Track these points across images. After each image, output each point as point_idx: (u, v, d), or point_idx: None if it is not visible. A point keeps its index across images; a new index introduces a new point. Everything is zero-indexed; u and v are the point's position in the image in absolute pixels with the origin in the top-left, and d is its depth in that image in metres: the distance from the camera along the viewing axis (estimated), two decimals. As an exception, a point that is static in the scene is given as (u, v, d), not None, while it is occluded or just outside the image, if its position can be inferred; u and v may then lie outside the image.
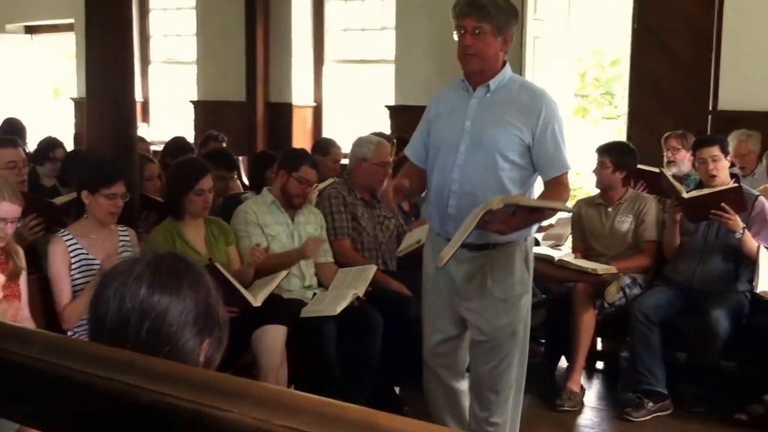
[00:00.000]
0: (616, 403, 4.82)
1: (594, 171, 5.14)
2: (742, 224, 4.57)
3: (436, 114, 3.48)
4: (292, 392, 1.09)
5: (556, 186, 3.35)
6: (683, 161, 5.76)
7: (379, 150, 4.91)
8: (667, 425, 4.50)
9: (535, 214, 3.25)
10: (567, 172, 3.39)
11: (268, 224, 4.51)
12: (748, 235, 4.59)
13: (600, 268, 4.80)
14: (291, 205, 4.56)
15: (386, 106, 8.17)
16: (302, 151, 4.87)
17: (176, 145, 6.26)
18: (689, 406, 4.66)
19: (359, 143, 5.00)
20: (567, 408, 4.68)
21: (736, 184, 4.68)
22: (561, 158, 3.34)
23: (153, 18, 10.30)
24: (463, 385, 3.69)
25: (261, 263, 4.23)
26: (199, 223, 4.30)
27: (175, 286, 1.52)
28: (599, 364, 5.59)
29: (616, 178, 5.03)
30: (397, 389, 4.71)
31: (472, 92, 3.40)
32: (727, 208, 4.53)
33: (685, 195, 4.66)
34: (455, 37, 3.35)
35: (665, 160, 5.92)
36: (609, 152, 5.08)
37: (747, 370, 4.60)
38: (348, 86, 9.12)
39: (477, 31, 3.27)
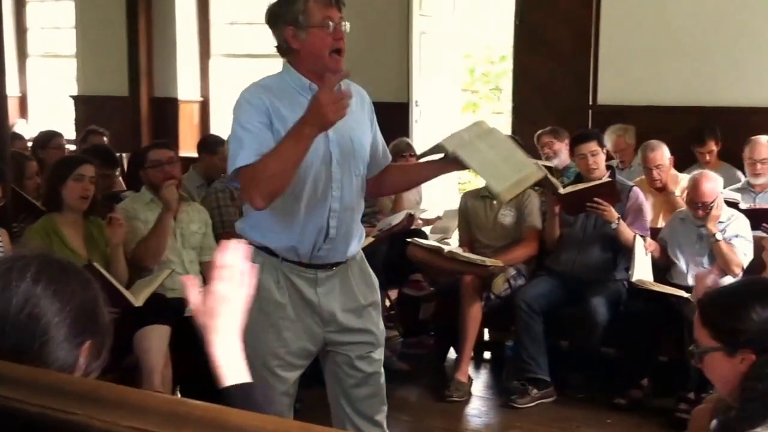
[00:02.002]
0: (502, 391, 4.92)
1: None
2: (617, 215, 4.73)
3: (279, 122, 2.74)
4: (141, 392, 1.06)
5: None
6: (560, 152, 5.91)
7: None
8: (550, 411, 4.62)
9: None
10: None
11: (149, 222, 4.40)
12: (623, 225, 4.76)
13: (488, 260, 4.88)
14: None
15: (274, 101, 8.08)
16: (151, 144, 4.80)
17: (45, 136, 6.10)
18: (571, 392, 4.80)
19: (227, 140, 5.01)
20: (455, 398, 4.74)
21: (609, 179, 4.84)
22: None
23: (30, 10, 9.93)
24: None
25: (140, 249, 4.19)
26: (78, 222, 4.17)
27: (62, 282, 1.49)
28: (486, 354, 5.70)
29: (503, 172, 5.12)
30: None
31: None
32: (601, 201, 4.68)
33: (562, 190, 4.78)
34: (322, 28, 2.74)
35: (543, 157, 6.06)
36: None
37: (625, 356, 4.76)
38: (236, 81, 8.99)
39: (344, 26, 2.82)
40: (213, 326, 1.51)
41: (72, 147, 7.35)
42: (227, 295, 1.52)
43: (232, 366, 1.48)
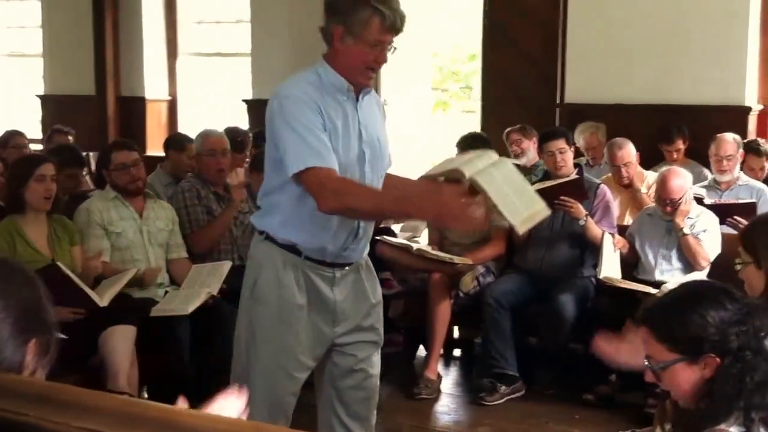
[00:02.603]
0: (471, 388, 4.93)
1: (456, 163, 5.20)
2: (584, 212, 4.76)
3: (330, 122, 2.75)
4: (93, 393, 1.04)
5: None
6: (528, 150, 5.93)
7: (207, 140, 4.98)
8: (519, 408, 4.64)
9: None
10: None
11: (113, 221, 4.37)
12: (591, 222, 4.78)
13: (456, 258, 4.89)
14: (131, 193, 4.43)
15: (243, 100, 8.07)
16: (112, 142, 4.79)
17: (6, 135, 6.05)
18: (540, 388, 4.82)
19: (195, 138, 5.12)
20: (424, 396, 4.75)
21: (576, 176, 4.86)
22: None
23: (-5, 9, 9.83)
24: None
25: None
26: (41, 222, 4.13)
27: (3, 281, 1.48)
28: (456, 352, 5.71)
29: (478, 170, 5.13)
30: (254, 386, 4.65)
31: (352, 96, 2.83)
32: (568, 198, 4.71)
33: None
34: (370, 46, 2.73)
35: (512, 155, 6.08)
36: (473, 145, 5.17)
37: (593, 352, 4.78)
38: (204, 80, 8.95)
39: (391, 49, 2.80)
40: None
41: (38, 147, 7.28)
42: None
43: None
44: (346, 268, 2.91)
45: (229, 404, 1.52)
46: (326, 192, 2.66)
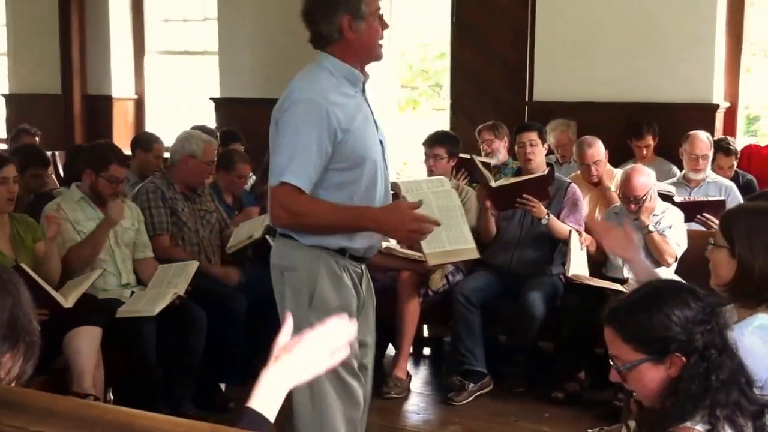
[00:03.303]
0: (441, 387, 4.93)
1: (426, 162, 5.20)
2: (545, 211, 4.77)
3: (347, 121, 2.79)
4: (50, 396, 1.02)
5: None
6: (499, 150, 5.95)
7: (209, 149, 4.87)
8: (489, 406, 4.64)
9: None
10: None
11: (80, 221, 4.32)
12: (554, 220, 4.80)
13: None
14: (103, 202, 4.38)
15: (211, 99, 8.01)
16: (109, 147, 4.66)
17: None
18: (509, 386, 4.82)
19: (188, 138, 4.91)
20: (393, 395, 4.73)
21: (539, 174, 4.86)
22: None
23: (-41, 7, 9.67)
24: None
25: (73, 254, 4.13)
26: (3, 223, 4.08)
27: None
28: (426, 351, 5.70)
29: (449, 168, 5.13)
30: (222, 386, 4.62)
31: (361, 88, 2.91)
32: (530, 197, 4.72)
33: (493, 183, 4.80)
34: (372, 22, 2.83)
35: (482, 152, 6.09)
36: (443, 143, 5.18)
37: (562, 349, 4.81)
38: (171, 78, 8.87)
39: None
40: (281, 357, 1.58)
41: (2, 146, 7.19)
42: (314, 348, 1.64)
43: (267, 397, 1.52)
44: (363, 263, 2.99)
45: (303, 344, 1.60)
46: (282, 207, 2.74)
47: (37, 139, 6.76)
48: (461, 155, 5.38)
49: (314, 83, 2.79)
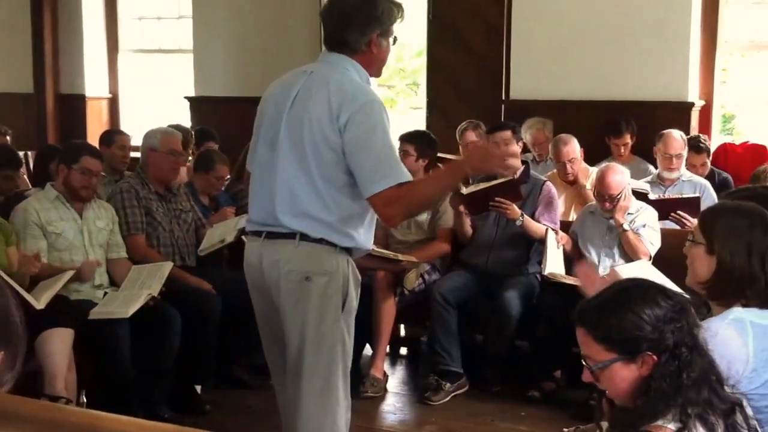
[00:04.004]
0: (418, 387, 4.91)
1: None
2: (519, 212, 4.77)
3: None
4: (15, 399, 0.99)
5: None
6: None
7: (167, 139, 4.82)
8: (465, 405, 4.63)
9: None
10: None
11: (53, 221, 4.26)
12: (528, 221, 4.80)
13: (401, 255, 4.86)
14: (78, 198, 4.33)
15: (186, 98, 7.95)
16: (82, 142, 4.66)
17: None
18: (486, 386, 4.82)
19: (148, 134, 4.92)
20: (370, 394, 4.72)
21: (506, 179, 4.84)
22: None
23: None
24: None
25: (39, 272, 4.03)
26: (-26, 224, 4.00)
27: None
28: (402, 350, 5.69)
29: (419, 167, 5.11)
30: (198, 388, 4.58)
31: None
32: (503, 200, 4.71)
33: (464, 190, 4.78)
34: (390, 42, 3.02)
35: (462, 152, 6.08)
36: (412, 140, 5.16)
37: (538, 348, 4.81)
38: (145, 77, 8.80)
39: None
40: None
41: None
42: None
43: None
44: None
45: None
46: (394, 204, 2.81)
47: (8, 138, 6.68)
48: (444, 156, 5.38)
49: (366, 86, 2.94)
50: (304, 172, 2.83)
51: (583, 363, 2.07)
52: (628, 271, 4.08)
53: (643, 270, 4.20)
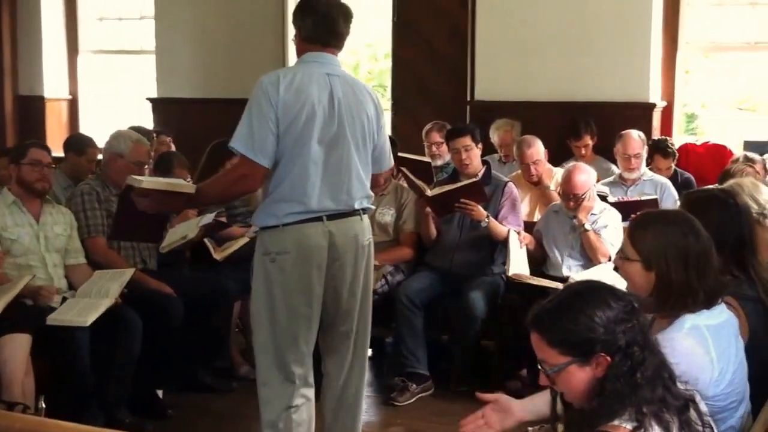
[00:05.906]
0: (383, 388, 4.89)
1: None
2: (485, 213, 4.76)
3: None
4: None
5: None
6: (446, 154, 5.91)
7: (137, 149, 4.68)
8: (431, 406, 4.62)
9: None
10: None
11: (8, 227, 4.19)
12: (493, 222, 4.80)
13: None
14: (35, 193, 4.27)
15: (148, 99, 7.86)
16: (30, 140, 4.58)
17: None
18: (453, 386, 4.80)
19: (117, 137, 4.76)
20: (335, 397, 4.67)
21: (474, 179, 4.84)
22: None
23: None
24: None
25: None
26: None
27: None
28: (368, 352, 5.64)
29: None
30: (160, 392, 4.51)
31: None
32: (468, 201, 4.70)
33: (429, 192, 4.77)
34: None
35: (427, 153, 6.07)
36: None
37: (504, 348, 4.80)
38: (106, 78, 8.69)
39: None
40: None
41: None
42: None
43: None
44: None
45: None
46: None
47: (-35, 140, 6.56)
48: (406, 156, 5.36)
49: None
50: (363, 162, 3.34)
51: (539, 367, 2.07)
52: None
53: (601, 275, 4.20)
